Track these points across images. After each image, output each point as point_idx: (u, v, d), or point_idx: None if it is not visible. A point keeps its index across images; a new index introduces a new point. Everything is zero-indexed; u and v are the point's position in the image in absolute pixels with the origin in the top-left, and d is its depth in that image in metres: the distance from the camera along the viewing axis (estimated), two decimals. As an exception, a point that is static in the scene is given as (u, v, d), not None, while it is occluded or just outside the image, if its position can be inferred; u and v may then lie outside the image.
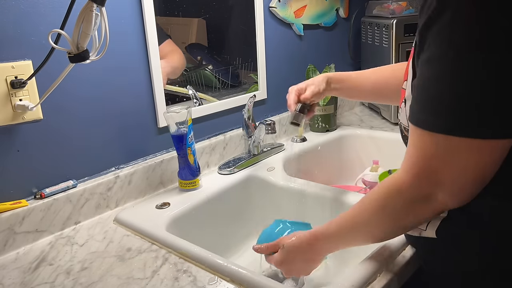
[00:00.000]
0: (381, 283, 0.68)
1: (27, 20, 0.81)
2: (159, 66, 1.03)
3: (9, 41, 0.80)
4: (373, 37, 1.55)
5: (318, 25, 1.51)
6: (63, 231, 0.90)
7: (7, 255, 0.82)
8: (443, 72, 0.51)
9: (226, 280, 0.71)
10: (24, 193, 0.87)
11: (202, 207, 1.00)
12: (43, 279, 0.75)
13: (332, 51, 1.60)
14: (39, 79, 0.82)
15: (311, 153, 1.32)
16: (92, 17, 0.67)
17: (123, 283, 0.72)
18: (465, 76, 0.50)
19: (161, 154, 1.07)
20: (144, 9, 0.98)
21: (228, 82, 1.25)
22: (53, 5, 0.84)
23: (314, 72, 1.44)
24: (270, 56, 1.33)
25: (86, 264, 0.78)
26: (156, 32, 1.00)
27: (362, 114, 1.66)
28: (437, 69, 0.52)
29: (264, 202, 1.12)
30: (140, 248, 0.82)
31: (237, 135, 1.23)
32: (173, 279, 0.72)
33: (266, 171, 1.13)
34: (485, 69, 0.48)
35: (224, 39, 1.26)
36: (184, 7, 1.11)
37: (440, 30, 0.51)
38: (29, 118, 0.82)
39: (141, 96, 1.02)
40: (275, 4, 1.31)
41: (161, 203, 0.97)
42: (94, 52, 0.72)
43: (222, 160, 1.19)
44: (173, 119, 0.98)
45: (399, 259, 0.73)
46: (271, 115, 1.38)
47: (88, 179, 0.95)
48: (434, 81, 0.52)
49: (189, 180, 1.03)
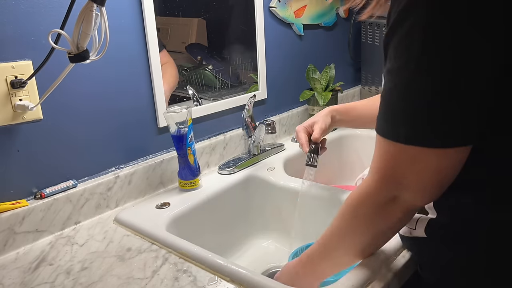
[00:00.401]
0: (381, 283, 0.68)
1: (27, 20, 0.81)
2: (159, 66, 1.03)
3: (9, 41, 0.80)
4: (373, 37, 1.55)
5: (318, 25, 1.51)
6: (63, 231, 0.90)
7: (7, 255, 0.82)
8: (398, 83, 0.53)
9: (226, 280, 0.71)
10: (24, 193, 0.87)
11: (202, 207, 1.00)
12: (43, 279, 0.75)
13: (332, 51, 1.60)
14: (39, 79, 0.82)
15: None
16: (92, 17, 0.67)
17: (123, 283, 0.72)
18: (416, 88, 0.51)
19: (161, 154, 1.07)
20: (144, 9, 0.98)
21: (228, 82, 1.25)
22: (53, 5, 0.84)
23: (314, 72, 1.44)
24: (270, 56, 1.33)
25: (86, 264, 0.78)
26: (156, 32, 1.00)
27: (362, 114, 1.65)
28: (394, 80, 0.54)
29: (264, 202, 1.12)
30: (140, 248, 0.82)
31: (237, 135, 1.23)
32: (173, 279, 0.72)
33: (266, 171, 1.13)
34: (433, 81, 0.50)
35: (224, 39, 1.26)
36: (184, 7, 1.11)
37: (399, 41, 0.52)
38: (29, 118, 0.82)
39: (141, 96, 1.02)
40: (275, 4, 1.31)
41: (161, 203, 0.97)
42: (94, 52, 0.72)
43: (222, 160, 1.19)
44: (173, 119, 0.98)
45: (399, 259, 0.73)
46: (271, 115, 1.38)
47: (88, 179, 0.95)
48: (391, 92, 0.55)
49: (189, 180, 1.03)
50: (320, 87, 1.41)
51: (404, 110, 0.54)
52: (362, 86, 1.73)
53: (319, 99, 1.37)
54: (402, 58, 0.52)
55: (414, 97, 0.52)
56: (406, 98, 0.53)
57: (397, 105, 0.54)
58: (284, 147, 1.30)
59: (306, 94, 1.41)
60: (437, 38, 0.48)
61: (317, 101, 1.38)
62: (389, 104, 0.56)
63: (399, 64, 0.53)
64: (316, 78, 1.41)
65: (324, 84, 1.42)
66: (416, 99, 0.52)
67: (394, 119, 0.55)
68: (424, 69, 0.50)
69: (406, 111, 0.53)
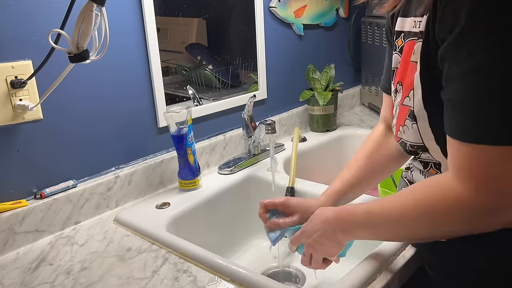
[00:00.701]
0: (381, 283, 0.68)
1: (27, 20, 0.81)
2: (159, 66, 1.03)
3: (9, 41, 0.80)
4: (373, 37, 1.55)
5: (318, 25, 1.51)
6: (63, 231, 0.90)
7: (7, 255, 0.82)
8: (488, 84, 0.50)
9: (226, 280, 0.71)
10: (24, 193, 0.87)
11: (202, 207, 1.00)
12: (43, 279, 0.75)
13: (332, 51, 1.60)
14: (39, 79, 0.82)
15: (311, 153, 1.32)
16: (92, 17, 0.67)
17: (123, 283, 0.72)
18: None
19: (161, 154, 1.07)
20: (144, 9, 0.98)
21: (228, 82, 1.25)
22: (53, 5, 0.84)
23: (314, 72, 1.44)
24: (270, 56, 1.33)
25: (86, 264, 0.78)
26: (156, 32, 1.00)
27: (362, 114, 1.66)
28: (481, 82, 0.51)
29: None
30: (140, 248, 0.82)
31: (237, 135, 1.23)
32: (173, 279, 0.72)
33: (266, 171, 1.13)
34: None
35: (224, 39, 1.26)
36: (184, 7, 1.11)
37: (475, 40, 0.50)
38: (29, 118, 0.82)
39: (141, 96, 1.02)
40: (275, 4, 1.31)
41: (161, 203, 0.97)
42: (94, 52, 0.72)
43: (222, 160, 1.19)
44: (173, 119, 0.98)
45: (399, 259, 0.73)
46: (271, 115, 1.38)
47: (88, 179, 0.95)
48: (481, 95, 0.51)
49: (189, 180, 1.03)
50: (320, 87, 1.41)
51: (500, 110, 0.50)
52: (362, 86, 1.73)
53: (319, 99, 1.37)
54: (487, 56, 0.50)
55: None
56: (503, 97, 0.50)
57: (489, 107, 0.50)
58: (284, 147, 1.30)
59: (306, 94, 1.41)
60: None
61: (317, 101, 1.38)
62: (476, 107, 0.51)
63: (486, 62, 0.50)
64: (316, 78, 1.41)
65: (324, 84, 1.42)
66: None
67: (488, 122, 0.51)
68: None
69: (503, 111, 0.50)
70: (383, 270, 0.70)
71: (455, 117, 0.54)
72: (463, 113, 0.53)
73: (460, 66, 0.52)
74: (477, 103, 0.51)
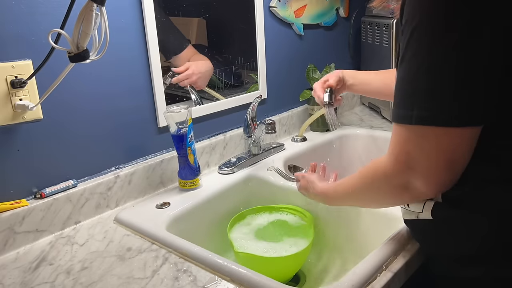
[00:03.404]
0: (381, 283, 0.68)
1: (27, 20, 0.81)
2: (159, 66, 1.03)
3: (9, 41, 0.80)
4: (373, 36, 1.55)
5: (318, 24, 1.51)
6: (63, 231, 0.90)
7: (7, 254, 0.82)
8: (407, 71, 0.58)
9: (226, 280, 0.71)
10: (24, 193, 0.87)
11: (202, 206, 1.00)
12: (43, 278, 0.75)
13: (332, 51, 1.60)
14: (39, 79, 0.82)
15: (311, 153, 1.32)
16: (92, 17, 0.67)
17: (123, 282, 0.72)
18: (426, 69, 0.56)
19: (161, 154, 1.07)
20: (144, 8, 0.98)
21: (228, 82, 1.25)
22: (53, 5, 0.84)
23: (314, 72, 1.44)
24: (270, 55, 1.33)
25: (86, 263, 0.78)
26: (156, 32, 1.00)
27: (362, 114, 1.66)
28: (402, 69, 0.59)
29: (264, 202, 1.12)
30: (140, 248, 0.82)
31: (237, 135, 1.23)
32: (173, 278, 0.72)
33: (266, 171, 1.13)
34: (446, 62, 0.54)
35: (224, 38, 1.26)
36: (184, 7, 1.11)
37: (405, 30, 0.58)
38: (29, 117, 0.82)
39: (141, 96, 1.02)
40: (275, 4, 1.31)
41: (161, 203, 0.97)
42: (94, 51, 0.72)
43: (222, 160, 1.19)
44: (173, 119, 0.98)
45: (399, 259, 0.73)
46: (271, 115, 1.38)
47: (88, 179, 0.95)
48: (402, 78, 0.60)
49: (189, 179, 1.03)
50: (320, 87, 1.41)
51: (414, 93, 0.57)
52: (362, 86, 1.73)
53: (319, 98, 1.37)
54: (413, 46, 0.57)
55: (423, 78, 0.56)
56: (419, 80, 0.57)
57: (413, 87, 0.58)
58: (284, 147, 1.30)
59: (306, 93, 1.41)
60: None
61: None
62: (399, 90, 0.60)
63: (411, 52, 0.57)
64: (316, 78, 1.41)
65: (324, 83, 1.42)
66: (426, 79, 0.56)
67: (406, 102, 0.59)
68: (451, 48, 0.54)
69: (416, 93, 0.57)
70: (383, 270, 0.70)
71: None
72: (394, 97, 0.62)
73: (400, 54, 0.60)
74: (399, 88, 0.60)
